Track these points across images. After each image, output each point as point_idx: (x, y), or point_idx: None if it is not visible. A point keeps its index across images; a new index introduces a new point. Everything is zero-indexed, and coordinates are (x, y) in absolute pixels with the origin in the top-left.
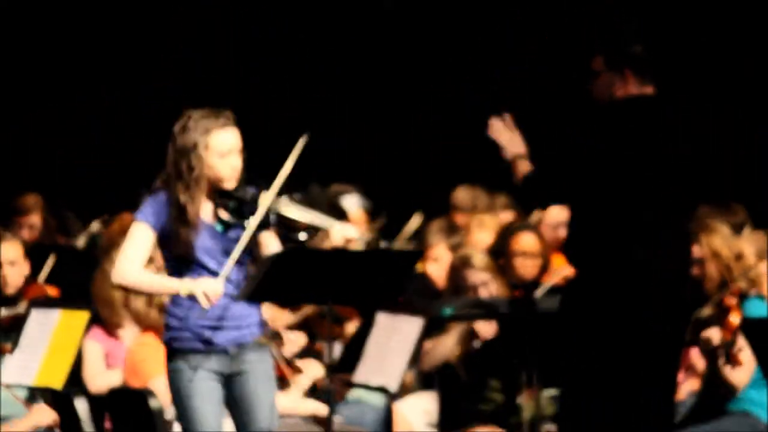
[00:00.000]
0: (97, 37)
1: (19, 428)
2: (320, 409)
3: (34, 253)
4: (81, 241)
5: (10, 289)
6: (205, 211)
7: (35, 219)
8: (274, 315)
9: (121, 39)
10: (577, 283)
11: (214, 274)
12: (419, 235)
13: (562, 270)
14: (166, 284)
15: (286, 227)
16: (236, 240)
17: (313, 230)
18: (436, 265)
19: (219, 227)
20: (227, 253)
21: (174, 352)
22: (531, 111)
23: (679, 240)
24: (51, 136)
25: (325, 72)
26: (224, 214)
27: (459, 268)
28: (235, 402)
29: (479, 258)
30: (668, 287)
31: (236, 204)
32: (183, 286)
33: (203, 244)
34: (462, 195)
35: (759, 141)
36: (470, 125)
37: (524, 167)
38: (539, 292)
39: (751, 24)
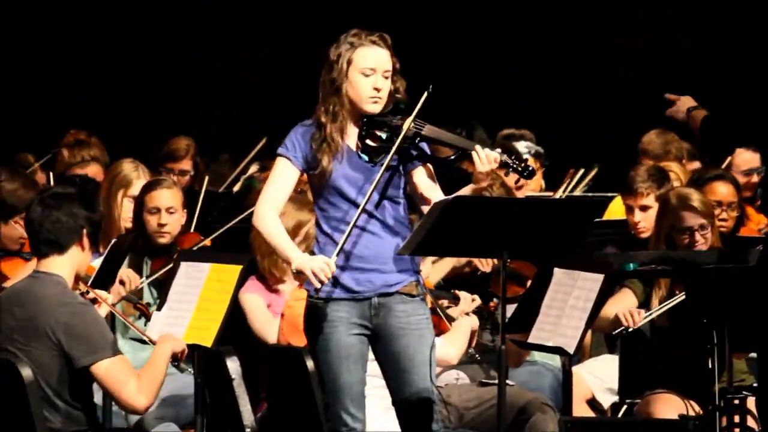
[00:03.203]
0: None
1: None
2: (474, 323)
3: (186, 200)
4: (236, 186)
5: (167, 238)
6: (351, 137)
7: (187, 164)
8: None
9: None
10: None
11: (353, 203)
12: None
13: None
14: (282, 247)
15: (435, 157)
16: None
17: (460, 154)
18: (643, 215)
19: (364, 156)
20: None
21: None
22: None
23: None
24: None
25: None
26: (371, 142)
27: (677, 207)
28: (384, 360)
29: (698, 199)
30: None
31: (389, 133)
32: (296, 259)
33: (344, 171)
34: (653, 140)
35: None
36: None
37: (701, 114)
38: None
39: None
